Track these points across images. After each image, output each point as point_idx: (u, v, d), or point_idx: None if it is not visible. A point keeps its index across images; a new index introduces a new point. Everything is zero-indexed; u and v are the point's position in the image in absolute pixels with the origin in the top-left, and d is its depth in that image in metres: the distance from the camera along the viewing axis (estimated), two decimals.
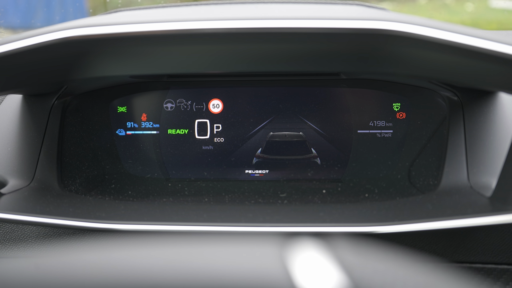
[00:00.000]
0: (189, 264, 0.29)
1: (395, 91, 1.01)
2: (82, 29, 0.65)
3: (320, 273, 0.26)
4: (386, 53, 0.67)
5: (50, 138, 0.93)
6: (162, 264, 0.29)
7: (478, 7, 3.07)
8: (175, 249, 0.32)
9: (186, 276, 0.28)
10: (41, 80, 0.81)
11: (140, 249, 0.32)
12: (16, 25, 3.14)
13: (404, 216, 0.73)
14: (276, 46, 0.69)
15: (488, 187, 0.78)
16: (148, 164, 1.06)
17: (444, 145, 0.88)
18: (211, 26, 0.64)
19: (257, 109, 1.04)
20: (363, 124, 1.02)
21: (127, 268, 0.30)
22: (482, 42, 0.60)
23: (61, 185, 0.91)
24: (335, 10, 0.69)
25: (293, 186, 1.01)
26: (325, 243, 0.29)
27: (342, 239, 0.29)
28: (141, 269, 0.30)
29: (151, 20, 0.65)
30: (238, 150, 1.05)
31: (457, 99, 0.89)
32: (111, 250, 0.33)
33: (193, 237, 0.35)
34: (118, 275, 0.29)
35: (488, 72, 0.68)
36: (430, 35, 0.61)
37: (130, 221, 0.75)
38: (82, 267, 0.30)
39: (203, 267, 0.28)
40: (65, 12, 3.25)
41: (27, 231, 0.89)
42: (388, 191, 0.93)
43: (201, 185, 1.02)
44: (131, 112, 1.06)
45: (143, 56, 0.72)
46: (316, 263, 0.27)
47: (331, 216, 0.77)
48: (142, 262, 0.30)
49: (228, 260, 0.29)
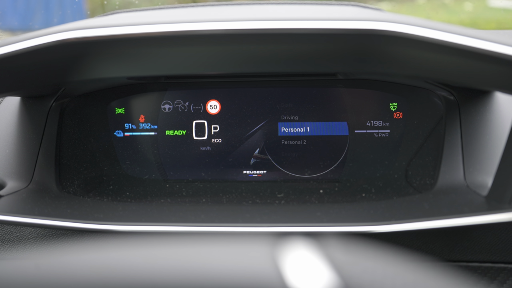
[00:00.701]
0: (179, 263, 0.29)
1: (392, 91, 1.01)
2: (80, 31, 0.65)
3: (311, 271, 0.27)
4: (381, 53, 0.68)
5: (48, 140, 0.93)
6: (155, 264, 0.30)
7: (476, 6, 3.07)
8: (168, 249, 0.32)
9: (177, 275, 0.28)
10: (39, 82, 0.82)
11: (135, 249, 0.33)
12: (15, 27, 3.14)
13: (401, 216, 0.73)
14: (272, 47, 0.69)
15: (484, 186, 0.78)
16: (146, 165, 1.06)
17: (440, 145, 0.88)
18: (208, 27, 0.64)
19: (255, 110, 1.05)
20: (360, 124, 1.03)
21: (124, 268, 0.30)
22: (476, 42, 0.61)
23: (59, 187, 0.92)
24: (330, 11, 0.69)
25: (290, 186, 1.01)
26: (315, 242, 0.29)
27: (332, 238, 0.29)
28: (137, 269, 0.30)
29: (148, 21, 0.65)
30: (236, 151, 1.06)
31: (454, 99, 0.89)
32: (106, 250, 0.33)
33: (188, 237, 0.36)
34: (114, 274, 0.30)
35: (483, 71, 0.68)
36: (424, 35, 0.61)
37: (128, 222, 0.75)
38: (80, 267, 0.31)
39: (194, 266, 0.29)
40: (63, 14, 3.26)
41: (25, 233, 0.90)
42: (385, 190, 0.94)
43: (199, 185, 1.03)
44: (129, 114, 1.07)
45: (140, 58, 0.73)
46: (307, 261, 0.28)
47: (328, 216, 0.77)
48: (138, 262, 0.31)
49: (219, 259, 0.29)
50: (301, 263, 0.28)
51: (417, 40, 0.61)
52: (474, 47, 0.60)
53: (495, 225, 0.79)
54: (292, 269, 0.27)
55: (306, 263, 0.28)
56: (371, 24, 0.62)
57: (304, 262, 0.28)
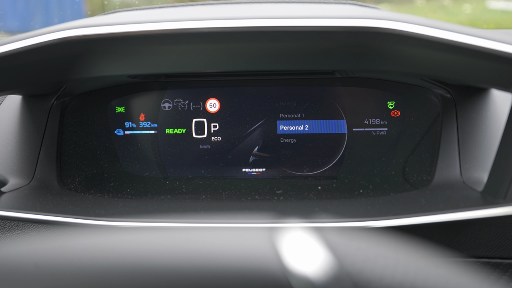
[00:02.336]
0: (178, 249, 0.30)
1: (389, 90, 1.02)
2: (81, 29, 0.66)
3: (308, 253, 0.28)
4: (378, 51, 0.69)
5: (50, 137, 0.94)
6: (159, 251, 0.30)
7: (475, 8, 3.08)
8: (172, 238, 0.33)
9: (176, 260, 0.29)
10: (40, 80, 0.83)
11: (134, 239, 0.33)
12: (15, 28, 3.15)
13: (398, 211, 0.74)
14: (271, 45, 0.70)
15: (480, 181, 0.79)
16: (146, 163, 1.07)
17: (437, 142, 0.89)
18: (207, 25, 0.65)
19: (253, 108, 1.06)
20: (358, 122, 1.04)
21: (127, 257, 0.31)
22: (473, 40, 0.62)
23: (61, 184, 0.93)
24: (328, 9, 0.71)
25: (289, 183, 1.02)
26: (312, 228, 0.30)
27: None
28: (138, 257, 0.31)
29: (149, 20, 0.66)
30: (235, 149, 1.07)
31: (450, 97, 0.90)
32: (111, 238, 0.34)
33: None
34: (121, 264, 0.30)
35: (479, 68, 0.69)
36: (421, 33, 0.62)
37: (129, 218, 0.76)
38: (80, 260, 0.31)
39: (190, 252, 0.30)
40: (63, 15, 3.27)
41: (26, 230, 0.91)
42: (382, 187, 0.95)
43: (199, 182, 1.04)
44: (129, 112, 1.08)
45: (141, 56, 0.74)
46: (304, 244, 0.29)
47: (326, 212, 0.78)
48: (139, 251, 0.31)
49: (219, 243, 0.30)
50: (298, 245, 0.29)
51: (413, 38, 0.63)
52: (470, 44, 0.61)
53: (491, 220, 0.80)
54: (290, 251, 0.28)
55: (303, 244, 0.29)
56: (368, 22, 0.63)
57: (301, 244, 0.29)
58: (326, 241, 0.28)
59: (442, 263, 0.29)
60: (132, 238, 0.32)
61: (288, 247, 0.28)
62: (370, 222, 0.72)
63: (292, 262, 0.27)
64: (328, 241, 0.28)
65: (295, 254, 0.28)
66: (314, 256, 0.27)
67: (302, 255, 0.27)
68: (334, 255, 0.27)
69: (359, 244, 0.28)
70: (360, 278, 0.26)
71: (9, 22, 3.19)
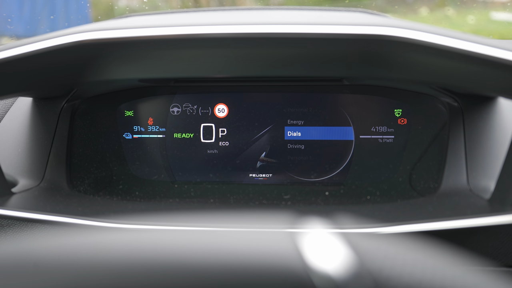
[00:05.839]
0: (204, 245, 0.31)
1: (396, 97, 1.03)
2: (95, 33, 0.67)
3: (330, 249, 0.28)
4: (388, 59, 0.69)
5: (59, 140, 0.95)
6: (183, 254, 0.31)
7: (479, 19, 3.08)
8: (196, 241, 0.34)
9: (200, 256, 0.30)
10: (52, 83, 0.84)
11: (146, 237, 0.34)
12: (21, 34, 3.17)
13: (405, 218, 0.75)
14: (281, 51, 0.71)
15: (487, 189, 0.79)
16: (154, 167, 1.08)
17: (444, 150, 0.90)
18: (218, 31, 0.66)
19: (261, 114, 1.07)
20: (365, 130, 1.05)
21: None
22: (482, 48, 0.62)
23: (70, 186, 0.93)
24: (338, 16, 0.71)
25: (296, 189, 1.03)
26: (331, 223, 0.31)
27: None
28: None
29: (161, 24, 0.67)
30: (243, 154, 1.07)
31: (457, 105, 0.91)
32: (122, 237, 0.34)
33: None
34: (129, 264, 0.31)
35: (488, 77, 0.69)
36: (431, 41, 0.63)
37: (138, 220, 0.77)
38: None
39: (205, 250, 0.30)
40: (68, 20, 3.29)
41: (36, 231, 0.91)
42: (389, 194, 0.95)
43: (207, 186, 1.04)
44: (137, 116, 1.09)
45: (153, 60, 0.74)
46: (325, 241, 0.29)
47: (333, 217, 0.78)
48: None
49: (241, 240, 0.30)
50: (320, 242, 0.29)
51: (423, 46, 0.63)
52: (479, 53, 0.62)
53: (497, 228, 0.80)
54: (312, 247, 0.29)
55: (324, 241, 0.29)
56: (379, 30, 0.64)
57: (323, 241, 0.29)
58: (347, 240, 0.29)
59: (457, 265, 0.30)
60: (155, 239, 0.33)
61: (310, 248, 0.29)
62: (377, 228, 0.72)
63: (315, 261, 0.28)
64: (348, 241, 0.29)
65: (317, 254, 0.28)
66: (335, 255, 0.28)
67: (323, 255, 0.28)
68: (355, 254, 0.28)
69: (378, 244, 0.29)
70: (380, 276, 0.27)
71: (16, 27, 3.21)
